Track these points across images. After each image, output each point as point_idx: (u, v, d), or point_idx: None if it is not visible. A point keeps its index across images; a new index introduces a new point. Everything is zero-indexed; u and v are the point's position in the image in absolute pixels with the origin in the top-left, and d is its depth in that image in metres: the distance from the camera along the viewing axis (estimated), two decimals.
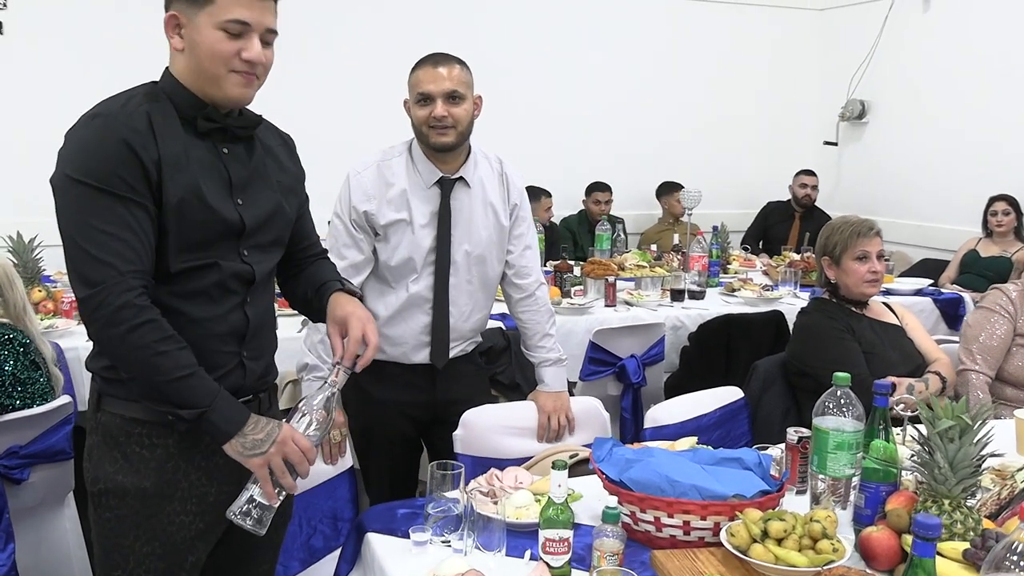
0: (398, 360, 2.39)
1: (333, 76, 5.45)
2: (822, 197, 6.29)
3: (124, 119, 1.49)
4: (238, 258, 1.61)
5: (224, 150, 1.60)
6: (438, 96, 2.23)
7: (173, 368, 1.47)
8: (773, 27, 6.65)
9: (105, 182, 1.45)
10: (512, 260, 2.49)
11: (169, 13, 1.53)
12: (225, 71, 1.52)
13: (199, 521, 1.62)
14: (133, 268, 1.46)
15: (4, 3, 4.88)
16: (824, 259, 2.74)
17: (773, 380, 2.85)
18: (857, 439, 1.67)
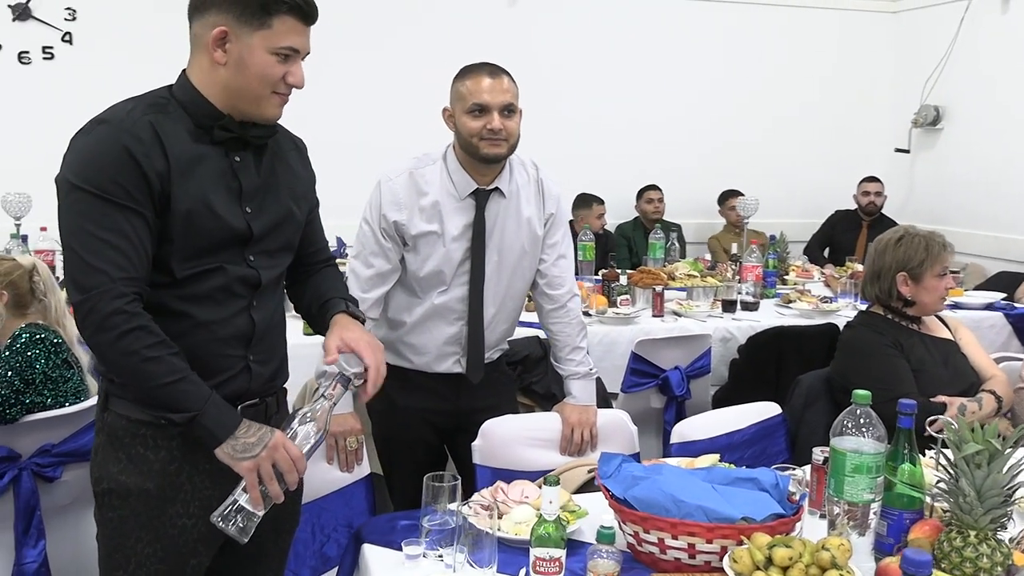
0: (422, 369, 2.36)
1: (355, 83, 5.46)
2: (893, 206, 6.06)
3: (128, 126, 1.49)
4: (244, 263, 1.61)
5: (236, 158, 1.60)
6: (495, 108, 2.19)
7: (163, 373, 1.48)
8: (843, 30, 6.44)
9: (103, 189, 1.46)
10: (544, 269, 2.43)
11: (218, 28, 1.52)
12: (268, 92, 1.56)
13: (202, 524, 1.61)
14: (125, 275, 1.46)
15: (73, 15, 5.06)
16: (901, 275, 2.58)
17: (817, 396, 2.73)
18: (877, 462, 1.56)
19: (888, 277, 2.59)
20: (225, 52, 1.53)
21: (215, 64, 1.54)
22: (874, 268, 2.64)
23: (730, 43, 6.22)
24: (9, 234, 4.10)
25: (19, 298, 2.53)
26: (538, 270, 2.43)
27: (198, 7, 1.55)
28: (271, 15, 1.51)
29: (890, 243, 2.62)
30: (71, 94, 4.92)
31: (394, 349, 2.34)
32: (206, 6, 1.54)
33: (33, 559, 2.42)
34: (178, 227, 1.51)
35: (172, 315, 1.54)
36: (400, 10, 5.54)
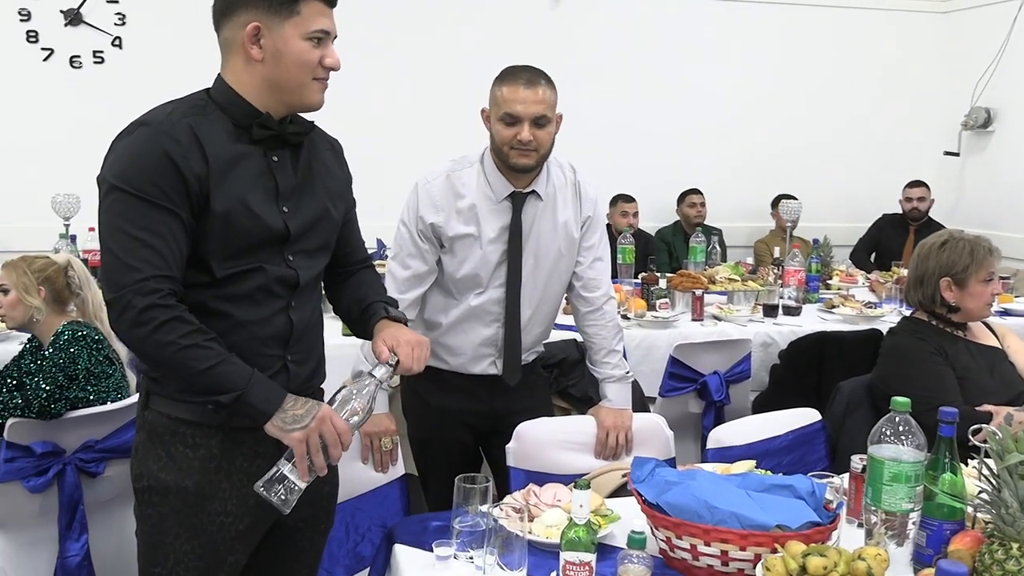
0: (457, 370, 2.36)
1: (395, 85, 5.49)
2: (941, 211, 5.93)
3: (167, 128, 1.52)
4: (283, 263, 1.63)
5: (274, 158, 1.62)
6: (526, 119, 2.17)
7: (203, 358, 1.49)
8: (891, 31, 6.33)
9: (141, 190, 1.49)
10: (581, 272, 2.42)
11: (251, 25, 1.53)
12: (309, 79, 1.57)
13: (239, 523, 1.63)
14: (159, 273, 1.48)
15: (123, 19, 5.17)
16: (944, 280, 2.53)
17: (859, 403, 2.67)
18: (916, 471, 1.53)
19: (932, 283, 2.53)
20: (260, 47, 1.55)
21: (252, 61, 1.56)
22: (917, 273, 2.58)
23: (776, 45, 6.15)
24: (58, 234, 4.19)
25: (57, 294, 2.59)
26: (574, 272, 2.42)
27: (224, 11, 1.57)
28: (297, 2, 1.53)
29: (934, 248, 2.56)
30: (120, 97, 5.02)
31: (430, 350, 2.35)
32: (232, 8, 1.56)
33: (76, 552, 2.47)
34: (217, 227, 1.53)
35: (212, 315, 1.56)
36: (441, 11, 5.56)
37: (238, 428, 1.61)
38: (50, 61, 5.09)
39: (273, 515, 1.66)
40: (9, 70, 5.03)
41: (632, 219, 5.32)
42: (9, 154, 5.01)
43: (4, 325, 3.12)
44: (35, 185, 4.69)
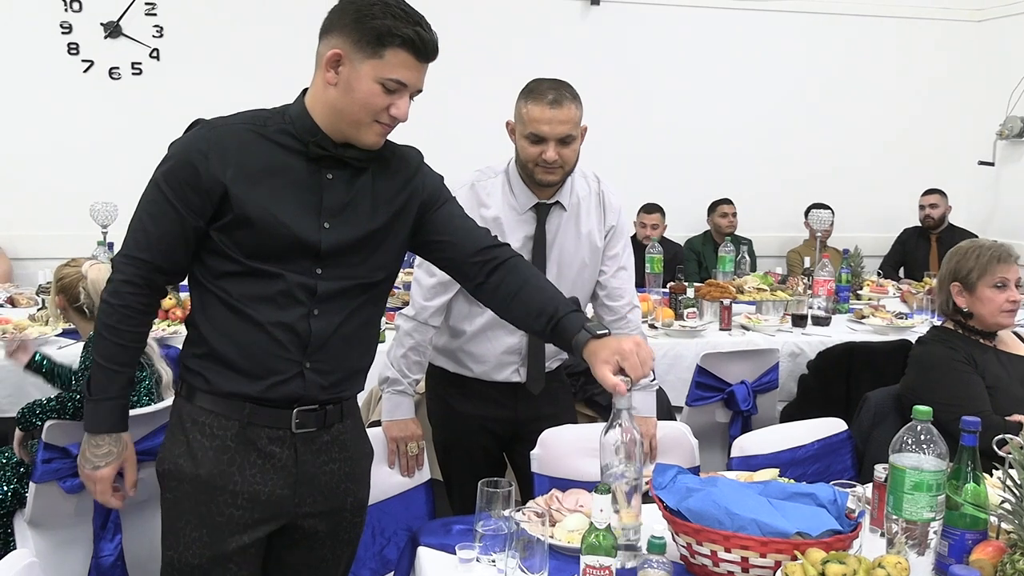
0: (481, 377, 2.39)
1: (434, 92, 5.51)
2: (976, 221, 5.88)
3: (206, 134, 1.61)
4: (309, 272, 1.64)
5: (328, 175, 1.65)
6: (552, 139, 2.19)
7: (99, 352, 1.67)
8: (925, 40, 6.29)
9: (163, 183, 1.62)
10: (604, 281, 2.43)
11: (333, 51, 1.57)
12: (370, 120, 1.60)
13: (248, 516, 1.66)
14: (137, 256, 1.64)
15: (161, 32, 5.28)
16: (954, 285, 2.53)
17: (886, 413, 2.66)
18: (938, 480, 1.52)
19: (944, 288, 2.55)
20: (336, 74, 1.58)
21: (326, 84, 1.60)
22: (938, 279, 2.61)
23: (809, 55, 6.13)
24: (96, 242, 4.28)
25: (72, 301, 2.67)
26: (598, 281, 2.43)
27: (325, 28, 1.62)
28: (384, 47, 1.56)
29: (950, 253, 2.58)
30: (157, 108, 5.14)
31: (454, 357, 2.38)
32: (331, 28, 1.60)
33: (109, 553, 2.52)
34: (243, 228, 1.59)
35: (236, 313, 1.63)
36: (478, 22, 5.61)
37: (254, 424, 1.65)
38: (90, 72, 5.22)
39: (285, 515, 1.70)
40: (50, 81, 5.15)
41: (650, 231, 5.29)
42: (49, 163, 5.14)
43: (43, 327, 3.22)
44: (74, 193, 4.80)
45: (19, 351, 2.90)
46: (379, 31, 1.55)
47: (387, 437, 2.28)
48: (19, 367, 2.87)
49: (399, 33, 1.55)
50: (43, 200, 5.11)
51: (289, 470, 1.68)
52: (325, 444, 1.73)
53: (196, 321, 1.68)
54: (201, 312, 1.67)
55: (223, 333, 1.64)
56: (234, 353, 1.63)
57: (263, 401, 1.65)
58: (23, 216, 5.11)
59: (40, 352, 2.89)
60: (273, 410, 1.66)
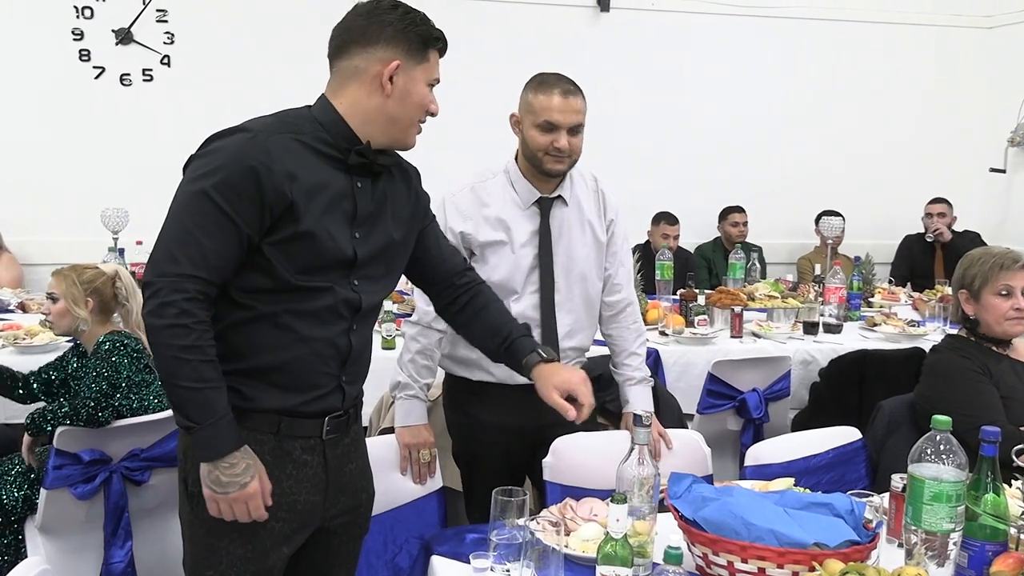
0: (504, 381, 2.36)
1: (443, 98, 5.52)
2: (987, 228, 5.85)
3: (263, 141, 1.55)
4: (349, 286, 1.66)
5: (358, 184, 1.66)
6: (565, 127, 2.23)
7: (187, 376, 1.52)
8: (935, 46, 6.27)
9: (216, 192, 1.51)
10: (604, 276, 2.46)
11: (396, 62, 1.61)
12: (418, 119, 1.68)
13: (287, 526, 1.67)
14: (195, 274, 1.51)
15: (172, 38, 5.29)
16: (961, 292, 2.52)
17: (900, 422, 2.64)
18: (958, 491, 1.51)
19: (954, 296, 2.55)
20: (393, 84, 1.62)
21: (379, 95, 1.62)
22: (951, 288, 2.60)
23: (820, 61, 6.12)
24: (107, 247, 4.29)
25: (103, 304, 2.66)
26: None
27: (358, 40, 1.62)
28: (428, 49, 1.65)
29: (961, 261, 2.58)
30: (168, 114, 5.15)
31: (475, 364, 2.37)
32: (371, 39, 1.61)
33: (120, 559, 2.52)
34: (299, 244, 1.57)
35: (279, 328, 1.61)
36: (484, 26, 5.62)
37: (288, 436, 1.65)
38: (101, 79, 5.23)
39: (317, 520, 1.71)
40: (62, 88, 5.17)
41: (672, 241, 5.29)
42: (60, 169, 5.15)
43: (52, 332, 3.22)
44: (85, 199, 4.82)
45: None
46: (423, 37, 1.64)
47: (400, 444, 2.29)
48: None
49: (437, 35, 1.67)
50: (54, 206, 5.12)
51: (320, 476, 1.70)
52: (347, 447, 1.77)
53: (224, 336, 1.61)
54: (232, 328, 1.61)
55: (262, 348, 1.61)
56: (274, 368, 1.62)
57: (298, 414, 1.66)
58: (34, 222, 5.12)
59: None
60: (306, 420, 1.67)
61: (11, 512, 2.58)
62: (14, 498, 2.58)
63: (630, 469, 1.63)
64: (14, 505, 2.58)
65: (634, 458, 1.64)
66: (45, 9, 5.13)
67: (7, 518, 2.58)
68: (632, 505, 1.59)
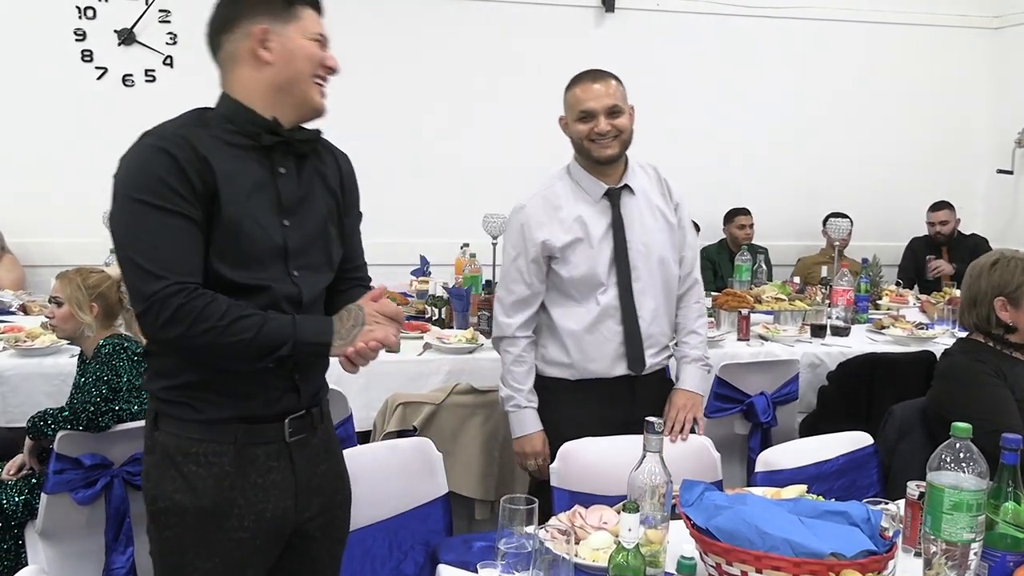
0: (600, 375, 2.43)
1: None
2: (994, 230, 5.82)
3: (171, 136, 1.53)
4: (288, 279, 1.62)
5: (280, 169, 1.63)
6: (600, 112, 2.32)
7: (248, 327, 1.50)
8: (942, 47, 6.23)
9: (154, 196, 1.49)
10: None
11: (260, 27, 1.58)
12: (311, 75, 1.62)
13: (257, 538, 1.63)
14: (182, 279, 1.48)
15: (174, 39, 5.27)
16: (998, 299, 2.45)
17: (912, 427, 2.60)
18: (978, 500, 1.47)
19: (985, 303, 2.46)
20: (269, 50, 1.59)
21: (261, 66, 1.59)
22: (971, 294, 2.51)
23: (824, 62, 6.08)
24: (109, 248, 4.26)
25: (108, 309, 2.63)
26: None
27: (223, 26, 1.61)
28: (295, 6, 1.62)
29: (985, 268, 2.49)
30: (170, 115, 5.08)
31: (569, 364, 2.44)
32: (232, 21, 1.60)
33: (121, 565, 2.50)
34: (226, 235, 1.54)
35: None
36: (491, 28, 5.60)
37: (249, 443, 1.61)
38: (103, 80, 5.21)
39: (289, 526, 1.67)
40: (64, 88, 5.15)
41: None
42: (62, 170, 5.12)
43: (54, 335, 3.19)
44: (87, 201, 4.77)
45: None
46: None
47: (515, 454, 2.50)
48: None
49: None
50: (55, 207, 5.09)
51: (288, 481, 1.66)
52: (315, 447, 1.73)
53: (163, 352, 1.60)
54: None
55: None
56: (223, 377, 1.57)
57: (256, 419, 1.61)
58: (35, 223, 5.09)
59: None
60: (266, 425, 1.63)
61: (11, 517, 2.55)
62: (14, 503, 2.56)
63: (642, 476, 1.60)
64: (14, 510, 2.55)
65: (646, 465, 1.60)
66: (47, 10, 5.11)
67: (7, 523, 2.55)
68: (644, 513, 1.56)
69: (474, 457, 2.97)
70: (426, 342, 3.38)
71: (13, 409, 2.92)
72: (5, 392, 2.98)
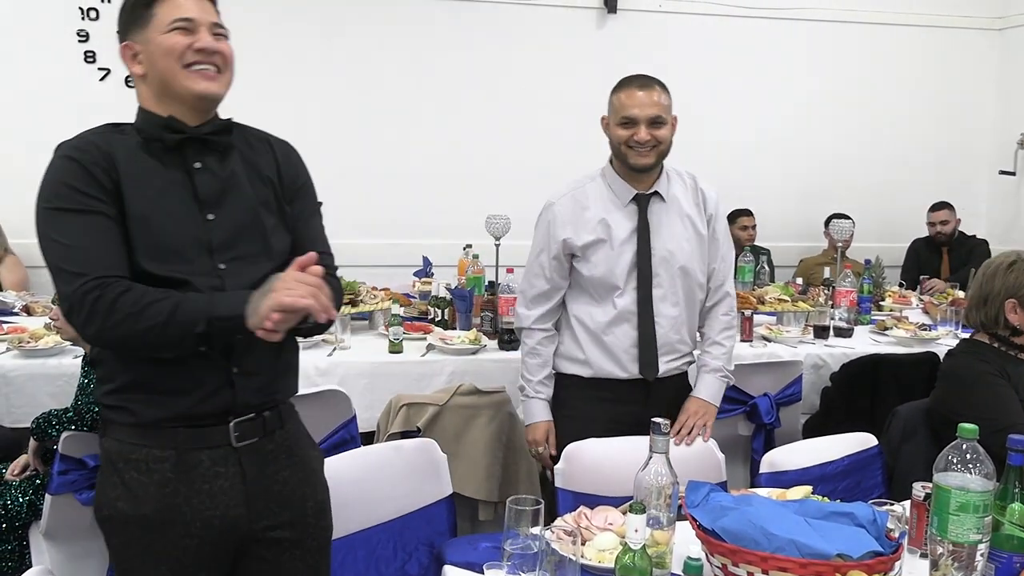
0: (615, 376, 2.45)
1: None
2: (996, 231, 5.82)
3: (76, 143, 1.58)
4: (214, 272, 1.59)
5: (196, 164, 1.62)
6: (642, 121, 2.34)
7: (160, 311, 1.47)
8: (945, 48, 6.22)
9: (62, 199, 1.53)
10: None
11: (123, 45, 1.62)
12: (179, 66, 1.58)
13: (206, 545, 1.60)
14: (97, 274, 1.48)
15: None
16: (1009, 301, 2.44)
17: (915, 428, 2.60)
18: (985, 501, 1.47)
19: (996, 304, 2.46)
20: (140, 63, 1.61)
21: (140, 78, 1.62)
22: (981, 293, 2.51)
23: (826, 62, 6.07)
24: None
25: None
26: None
27: (120, 53, 1.64)
28: (150, 6, 1.59)
29: (1000, 268, 2.49)
30: None
31: (584, 361, 2.48)
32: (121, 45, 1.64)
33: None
34: (139, 231, 1.54)
35: None
36: (492, 29, 5.58)
37: (192, 448, 1.58)
38: (107, 80, 5.20)
39: (241, 533, 1.63)
40: (68, 89, 5.14)
41: None
42: None
43: (58, 336, 3.19)
44: None
45: None
46: (135, 2, 1.60)
47: (525, 441, 2.57)
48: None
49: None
50: None
51: (238, 488, 1.61)
52: (272, 453, 1.67)
53: (103, 357, 1.61)
54: None
55: (137, 358, 1.56)
56: (153, 375, 1.56)
57: (196, 420, 1.58)
58: None
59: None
60: (209, 428, 1.60)
61: (15, 518, 2.55)
62: (18, 504, 2.56)
63: (649, 477, 1.60)
64: (18, 511, 2.55)
65: (653, 466, 1.60)
66: (50, 10, 5.11)
67: (11, 524, 2.55)
68: (651, 514, 1.56)
69: (478, 458, 2.97)
70: (429, 343, 3.38)
71: (17, 410, 2.92)
72: (9, 393, 2.98)
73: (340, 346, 3.28)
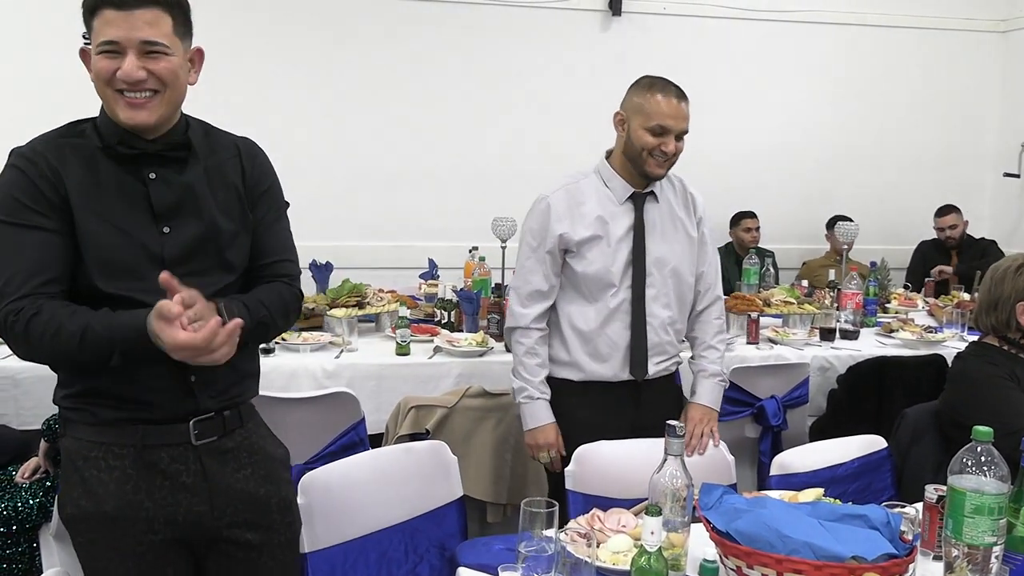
0: (608, 379, 2.44)
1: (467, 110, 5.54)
2: (1000, 234, 5.82)
3: (26, 153, 1.54)
4: None
5: (151, 175, 1.58)
6: (675, 132, 2.33)
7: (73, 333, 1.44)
8: (949, 51, 6.23)
9: (5, 211, 1.50)
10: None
11: (80, 49, 1.57)
12: (109, 92, 1.53)
13: (170, 541, 1.60)
14: (20, 292, 1.46)
15: None
16: (1021, 304, 2.44)
17: (924, 430, 2.61)
18: (1000, 503, 1.48)
19: (1007, 307, 2.46)
20: (91, 70, 1.55)
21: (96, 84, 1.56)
22: (991, 297, 2.51)
23: (831, 66, 6.08)
24: None
25: None
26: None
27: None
28: (93, 16, 1.52)
29: (1009, 271, 2.49)
30: None
31: (572, 363, 2.46)
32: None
33: None
34: (88, 247, 1.51)
35: None
36: (497, 31, 5.60)
37: (151, 445, 1.58)
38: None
39: (209, 529, 1.62)
40: (69, 90, 5.13)
41: None
42: None
43: None
44: None
45: None
46: (84, 6, 1.53)
47: (527, 446, 2.48)
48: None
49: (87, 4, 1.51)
50: None
51: (200, 485, 1.61)
52: (232, 451, 1.67)
53: None
54: None
55: None
56: (112, 383, 1.54)
57: (155, 420, 1.57)
58: None
59: None
60: (169, 427, 1.59)
61: (26, 520, 2.55)
62: (29, 506, 2.56)
63: (664, 480, 1.60)
64: (29, 513, 2.55)
65: (668, 468, 1.61)
66: (53, 10, 5.11)
67: (22, 526, 2.55)
68: (666, 517, 1.56)
69: (486, 460, 2.97)
70: (436, 345, 3.39)
71: (27, 412, 2.92)
72: (18, 395, 2.98)
73: (347, 348, 3.29)
